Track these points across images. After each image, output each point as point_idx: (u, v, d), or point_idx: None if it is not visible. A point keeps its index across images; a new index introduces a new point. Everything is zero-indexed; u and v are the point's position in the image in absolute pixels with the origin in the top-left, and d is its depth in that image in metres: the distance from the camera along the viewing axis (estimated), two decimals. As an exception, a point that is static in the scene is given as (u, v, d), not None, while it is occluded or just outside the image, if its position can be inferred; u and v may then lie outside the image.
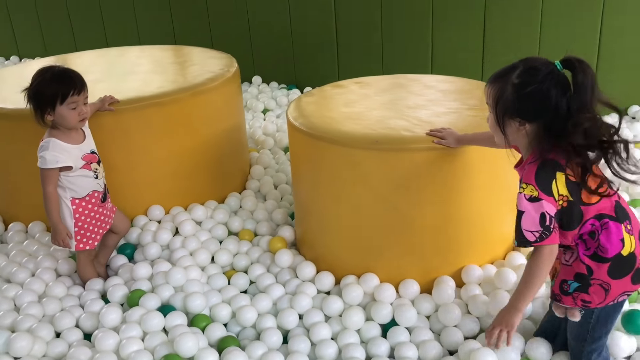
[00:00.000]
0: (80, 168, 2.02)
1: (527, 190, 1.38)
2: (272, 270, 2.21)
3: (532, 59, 1.37)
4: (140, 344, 1.80)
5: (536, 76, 1.32)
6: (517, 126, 1.38)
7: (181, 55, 3.14)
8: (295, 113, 2.18)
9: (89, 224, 2.07)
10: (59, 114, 1.96)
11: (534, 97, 1.33)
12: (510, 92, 1.35)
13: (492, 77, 1.42)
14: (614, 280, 1.44)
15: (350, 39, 4.06)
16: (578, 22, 3.37)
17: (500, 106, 1.38)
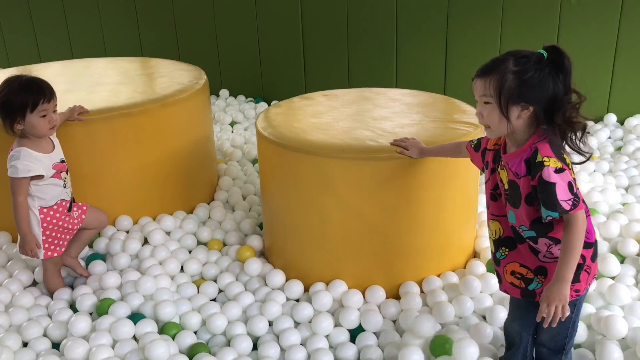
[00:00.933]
0: (51, 177, 2.02)
1: (551, 162, 1.39)
2: (241, 279, 2.24)
3: (517, 50, 1.45)
4: (110, 352, 1.81)
5: (531, 63, 1.40)
6: (519, 111, 1.42)
7: (149, 67, 3.16)
8: (264, 123, 2.23)
9: (56, 232, 2.08)
10: (29, 122, 1.96)
11: (535, 82, 1.39)
12: (512, 79, 1.40)
13: (482, 70, 1.47)
14: (593, 264, 1.51)
15: (317, 54, 4.15)
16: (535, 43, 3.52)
17: (505, 93, 1.41)
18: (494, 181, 1.60)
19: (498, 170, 1.57)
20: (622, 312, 1.91)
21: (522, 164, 1.45)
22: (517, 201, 1.48)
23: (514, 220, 1.53)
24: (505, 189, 1.53)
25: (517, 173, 1.47)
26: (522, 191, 1.46)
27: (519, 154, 1.47)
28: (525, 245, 1.54)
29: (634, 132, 3.37)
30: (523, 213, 1.48)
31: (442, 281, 2.11)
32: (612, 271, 2.11)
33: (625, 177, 2.84)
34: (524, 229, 1.51)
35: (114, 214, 2.51)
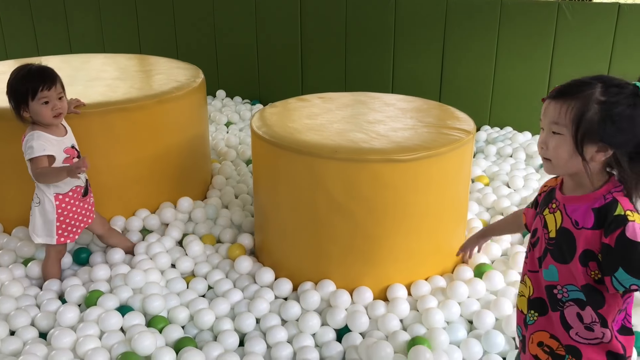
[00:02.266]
0: (63, 162, 2.05)
1: (636, 217, 1.14)
2: (231, 276, 2.25)
3: (608, 77, 1.18)
4: (97, 342, 1.81)
5: (623, 95, 1.14)
6: (594, 152, 1.16)
7: (147, 64, 3.18)
8: (259, 122, 2.25)
9: (71, 218, 2.11)
10: (32, 109, 2.01)
11: (625, 120, 1.13)
12: (596, 112, 1.14)
13: (560, 91, 1.20)
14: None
15: (314, 58, 4.18)
16: (531, 55, 3.57)
17: (584, 127, 1.14)
18: (533, 227, 1.33)
19: (543, 214, 1.29)
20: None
21: (590, 214, 1.18)
22: (568, 255, 1.20)
23: (555, 278, 1.24)
24: (550, 237, 1.25)
25: (576, 222, 1.20)
26: (579, 245, 1.18)
27: (586, 199, 1.20)
28: (557, 315, 1.25)
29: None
30: (574, 270, 1.20)
31: (430, 285, 2.13)
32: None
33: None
34: (570, 289, 1.22)
35: (108, 208, 2.51)
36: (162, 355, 1.76)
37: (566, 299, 1.22)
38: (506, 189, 2.89)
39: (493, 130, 3.75)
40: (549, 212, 1.27)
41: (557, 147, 1.19)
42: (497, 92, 3.72)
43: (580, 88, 1.16)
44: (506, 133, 3.68)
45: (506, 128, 3.76)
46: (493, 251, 2.33)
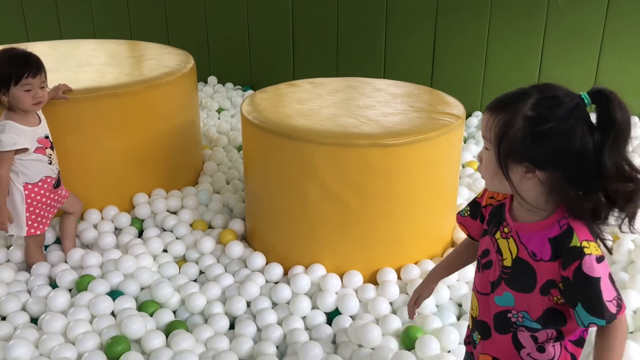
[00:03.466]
0: (35, 152, 2.03)
1: (592, 249, 1.02)
2: (222, 261, 2.26)
3: (550, 86, 1.03)
4: (88, 327, 1.82)
5: (557, 109, 0.98)
6: (523, 172, 1.03)
7: (137, 50, 3.16)
8: (249, 107, 2.25)
9: (40, 209, 2.08)
10: (13, 95, 1.97)
11: (552, 138, 0.99)
12: (521, 128, 1.00)
13: (496, 102, 1.06)
14: None
15: (306, 44, 4.16)
16: (523, 38, 3.56)
17: (505, 145, 1.02)
18: (483, 246, 1.20)
19: (495, 237, 1.16)
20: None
21: (547, 244, 1.06)
22: (528, 286, 1.10)
23: (511, 304, 1.14)
24: (505, 265, 1.13)
25: (534, 253, 1.08)
26: (540, 277, 1.08)
27: (540, 228, 1.07)
28: (508, 337, 1.17)
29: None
30: (533, 300, 1.11)
31: (419, 269, 2.14)
32: None
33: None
34: (526, 316, 1.13)
35: (99, 194, 2.51)
36: (152, 338, 1.77)
37: (520, 324, 1.14)
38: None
39: (484, 115, 3.75)
40: (501, 236, 1.14)
41: (486, 164, 1.08)
42: (488, 78, 3.73)
43: (515, 99, 1.03)
44: (497, 119, 3.68)
45: (497, 114, 3.76)
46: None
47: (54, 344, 1.75)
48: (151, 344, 1.77)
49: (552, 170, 1.01)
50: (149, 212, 2.52)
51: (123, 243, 2.31)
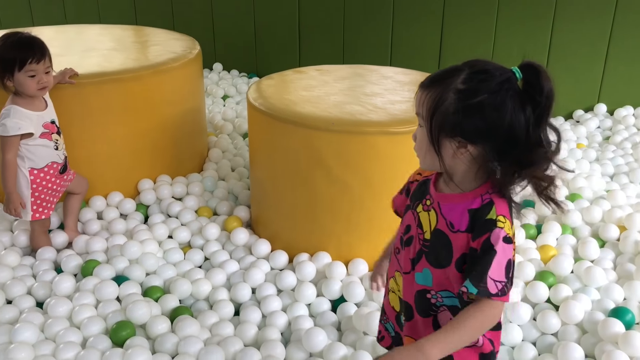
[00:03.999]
0: (40, 137, 2.02)
1: (506, 226, 1.02)
2: (227, 248, 2.26)
3: (482, 61, 1.04)
4: (93, 311, 1.82)
5: (488, 82, 0.99)
6: (456, 147, 1.02)
7: (143, 36, 3.14)
8: (255, 94, 2.24)
9: (45, 194, 2.08)
10: (17, 80, 1.96)
11: (484, 111, 0.99)
12: (452, 102, 1.00)
13: (428, 79, 1.06)
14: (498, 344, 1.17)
15: (312, 32, 4.13)
16: (531, 28, 3.53)
17: (437, 119, 1.01)
18: (405, 222, 1.19)
19: (417, 210, 1.16)
20: (598, 294, 1.95)
21: (465, 216, 1.06)
22: (444, 260, 1.09)
23: (429, 283, 1.13)
24: (425, 239, 1.12)
25: (452, 224, 1.08)
26: (455, 249, 1.07)
27: (463, 199, 1.07)
28: (429, 320, 1.16)
29: (622, 123, 3.39)
30: (451, 276, 1.09)
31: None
32: (592, 255, 2.14)
33: (612, 166, 2.87)
34: (445, 295, 1.12)
35: (104, 180, 2.51)
36: (157, 324, 1.78)
37: (440, 304, 1.13)
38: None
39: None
40: (422, 209, 1.14)
41: (419, 141, 1.08)
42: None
43: (445, 75, 1.03)
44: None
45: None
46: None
47: (59, 328, 1.75)
48: (156, 329, 1.77)
49: (484, 143, 1.01)
50: (154, 198, 2.52)
51: (128, 229, 2.31)
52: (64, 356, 1.65)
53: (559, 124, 3.46)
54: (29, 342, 1.68)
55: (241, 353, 1.67)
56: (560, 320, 1.83)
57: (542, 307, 1.91)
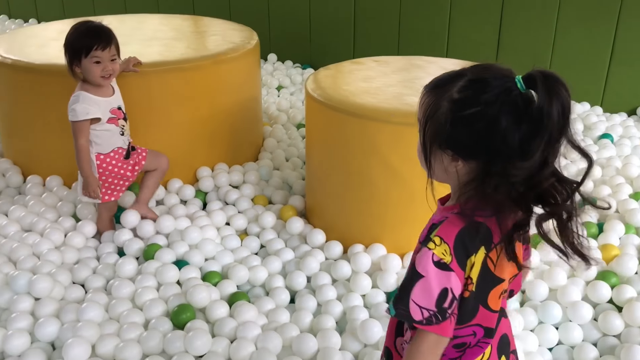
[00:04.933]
0: (107, 122, 2.09)
1: (438, 249, 0.93)
2: (282, 236, 2.28)
3: (487, 67, 0.94)
4: (155, 294, 1.88)
5: (482, 93, 0.89)
6: (449, 160, 0.96)
7: (202, 26, 3.20)
8: (314, 85, 2.25)
9: (113, 177, 2.16)
10: (84, 67, 2.04)
11: (473, 125, 0.90)
12: (444, 112, 0.92)
13: (432, 83, 0.98)
14: None
15: (367, 22, 4.11)
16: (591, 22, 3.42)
17: (430, 129, 0.95)
18: None
19: None
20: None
21: (427, 228, 1.02)
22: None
23: None
24: None
25: (421, 236, 1.03)
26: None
27: (440, 212, 1.02)
28: (394, 321, 1.14)
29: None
30: None
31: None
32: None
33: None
34: None
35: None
36: (217, 308, 1.82)
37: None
38: (562, 159, 2.80)
39: (550, 99, 3.64)
40: None
41: (418, 149, 1.01)
42: (556, 60, 3.59)
43: (448, 80, 0.94)
44: (563, 103, 3.56)
45: (563, 98, 3.63)
46: (548, 222, 2.28)
47: (123, 308, 1.82)
48: (215, 314, 1.81)
49: (475, 160, 0.93)
50: (212, 185, 2.57)
51: (188, 214, 2.36)
52: (128, 336, 1.71)
53: (621, 120, 3.34)
54: (95, 321, 1.75)
55: (298, 339, 1.70)
56: (624, 321, 1.78)
57: (604, 308, 1.87)
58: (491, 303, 0.99)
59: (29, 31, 3.07)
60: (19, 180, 2.62)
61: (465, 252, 0.94)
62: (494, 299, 0.99)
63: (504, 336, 1.06)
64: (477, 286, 0.95)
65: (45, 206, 2.38)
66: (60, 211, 2.37)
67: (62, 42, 2.08)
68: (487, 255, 0.96)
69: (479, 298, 0.97)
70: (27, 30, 3.11)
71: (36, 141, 2.61)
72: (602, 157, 2.85)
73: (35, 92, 2.50)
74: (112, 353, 1.66)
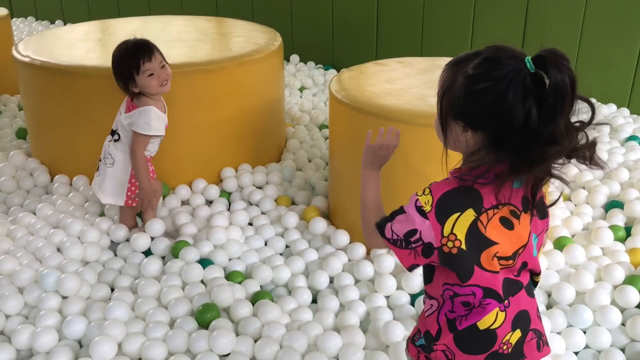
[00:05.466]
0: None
1: (423, 197, 1.07)
2: (305, 237, 2.29)
3: (500, 48, 1.02)
4: (180, 292, 1.90)
5: (494, 71, 0.99)
6: (461, 131, 1.05)
7: (226, 27, 3.22)
8: (337, 86, 2.25)
9: None
10: (140, 84, 2.06)
11: (483, 98, 0.99)
12: (460, 86, 1.02)
13: (453, 60, 1.08)
14: (460, 353, 1.13)
15: (390, 23, 4.10)
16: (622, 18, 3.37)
17: (445, 101, 1.06)
18: None
19: None
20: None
21: None
22: None
23: None
24: None
25: None
26: None
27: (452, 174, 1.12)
28: None
29: None
30: None
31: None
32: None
33: None
34: None
35: (188, 167, 2.60)
36: (240, 307, 1.83)
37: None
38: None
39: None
40: None
41: (435, 120, 1.14)
42: (582, 60, 3.55)
43: (466, 58, 1.05)
44: (589, 104, 3.51)
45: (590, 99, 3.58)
46: (574, 225, 2.26)
47: (148, 307, 1.84)
48: (239, 313, 1.82)
49: (483, 131, 1.02)
50: (236, 185, 2.59)
51: (213, 214, 2.38)
52: (154, 335, 1.73)
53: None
54: (121, 319, 1.77)
55: (322, 337, 1.70)
56: (653, 327, 1.75)
57: (632, 313, 1.84)
58: (485, 264, 1.07)
59: (56, 33, 3.12)
60: (46, 179, 2.66)
61: (446, 209, 1.05)
62: (488, 260, 1.07)
63: (524, 312, 1.12)
64: (467, 245, 1.05)
65: (72, 205, 2.41)
66: (88, 210, 2.40)
67: (88, 43, 2.10)
68: (477, 218, 1.05)
69: (471, 257, 1.06)
70: (55, 31, 3.16)
71: (63, 141, 2.65)
72: (630, 160, 2.81)
73: (62, 93, 2.54)
74: (138, 351, 1.68)
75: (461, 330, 1.11)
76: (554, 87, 0.95)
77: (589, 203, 2.45)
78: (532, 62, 0.98)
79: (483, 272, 1.07)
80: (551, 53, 0.96)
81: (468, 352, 1.12)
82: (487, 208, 1.05)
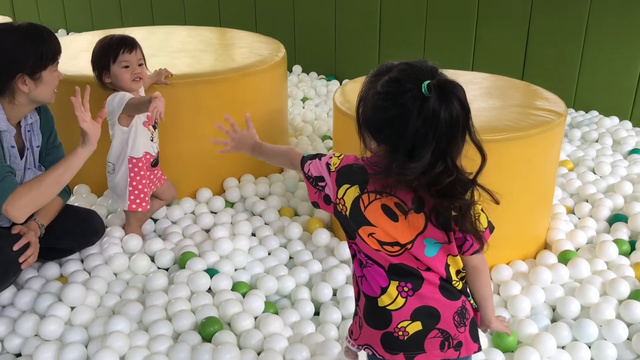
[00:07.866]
0: (143, 124, 2.16)
1: (335, 159, 1.22)
2: (308, 248, 2.28)
3: (408, 66, 1.09)
4: (185, 304, 1.89)
5: (394, 93, 1.06)
6: (369, 139, 1.14)
7: (229, 38, 3.23)
8: (342, 98, 2.25)
9: (142, 185, 2.19)
10: (113, 74, 2.09)
11: (382, 115, 1.07)
12: (370, 99, 1.10)
13: (375, 70, 1.15)
14: (365, 324, 1.22)
15: (393, 34, 4.12)
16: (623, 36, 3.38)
17: (361, 109, 1.14)
18: None
19: None
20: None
21: None
22: None
23: None
24: None
25: None
26: None
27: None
28: None
29: None
30: None
31: (511, 270, 2.08)
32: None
33: None
34: None
35: (192, 176, 2.60)
36: (243, 320, 1.82)
37: None
38: (592, 175, 2.78)
39: (577, 113, 3.61)
40: None
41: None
42: (584, 74, 3.56)
43: (382, 72, 1.13)
44: (591, 117, 3.53)
45: (591, 112, 3.59)
46: (578, 239, 2.25)
47: (154, 317, 1.83)
48: (241, 325, 1.81)
49: (383, 144, 1.11)
50: (239, 196, 2.58)
51: (217, 224, 2.38)
52: (157, 348, 1.71)
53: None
54: (124, 332, 1.76)
55: (322, 345, 1.71)
56: (659, 343, 1.74)
57: (638, 328, 1.83)
58: (364, 236, 1.16)
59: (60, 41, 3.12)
60: (49, 189, 2.64)
61: (342, 177, 1.19)
62: (365, 236, 1.16)
63: (430, 309, 1.17)
64: (350, 214, 1.17)
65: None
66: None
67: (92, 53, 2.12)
68: (360, 195, 1.16)
69: (353, 223, 1.17)
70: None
71: (66, 151, 2.63)
72: (633, 173, 2.81)
73: (64, 103, 2.53)
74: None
75: (366, 297, 1.20)
76: (432, 116, 1.03)
77: (593, 216, 2.44)
78: (430, 88, 1.03)
79: (362, 242, 1.17)
80: (443, 87, 1.03)
81: (369, 323, 1.20)
82: (370, 191, 1.14)
